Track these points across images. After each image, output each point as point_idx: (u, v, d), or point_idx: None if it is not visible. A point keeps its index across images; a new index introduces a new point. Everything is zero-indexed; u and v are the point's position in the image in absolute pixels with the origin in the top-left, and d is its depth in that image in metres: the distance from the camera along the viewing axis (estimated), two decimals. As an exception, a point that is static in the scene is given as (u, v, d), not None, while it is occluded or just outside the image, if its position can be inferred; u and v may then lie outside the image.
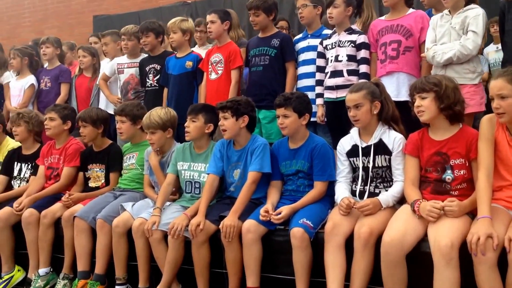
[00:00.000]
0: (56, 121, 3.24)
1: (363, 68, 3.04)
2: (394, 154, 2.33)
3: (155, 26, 3.72)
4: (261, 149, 2.57)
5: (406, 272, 2.08)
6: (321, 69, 3.20)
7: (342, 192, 2.36)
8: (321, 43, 3.21)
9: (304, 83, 3.31)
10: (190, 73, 3.58)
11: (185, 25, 3.61)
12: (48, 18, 8.67)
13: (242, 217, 2.44)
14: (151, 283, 2.66)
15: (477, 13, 2.62)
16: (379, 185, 2.38)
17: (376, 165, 2.36)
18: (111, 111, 3.74)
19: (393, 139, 2.34)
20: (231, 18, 3.61)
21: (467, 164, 2.16)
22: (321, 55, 3.21)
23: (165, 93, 3.66)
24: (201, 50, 3.97)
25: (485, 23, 2.65)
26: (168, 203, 2.77)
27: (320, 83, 3.20)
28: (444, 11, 2.79)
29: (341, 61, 3.07)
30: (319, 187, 2.49)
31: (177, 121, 3.00)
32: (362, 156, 2.39)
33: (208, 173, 2.66)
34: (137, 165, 3.09)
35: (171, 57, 3.68)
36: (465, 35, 2.63)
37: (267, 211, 2.39)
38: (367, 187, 2.38)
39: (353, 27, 3.16)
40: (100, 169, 3.17)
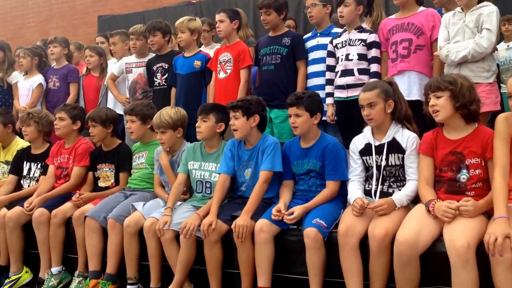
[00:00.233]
0: (65, 121, 3.24)
1: (374, 67, 3.03)
2: (407, 152, 2.32)
3: (162, 25, 3.72)
4: (272, 148, 2.56)
5: (419, 272, 2.07)
6: (331, 68, 3.19)
7: (355, 192, 2.35)
8: (331, 42, 3.20)
9: (313, 82, 3.30)
10: (198, 72, 3.57)
11: (193, 25, 3.60)
12: (52, 18, 8.68)
13: (254, 217, 2.43)
14: (163, 283, 2.66)
15: (491, 11, 2.60)
16: (392, 184, 2.37)
17: (389, 163, 2.35)
18: (119, 111, 3.74)
19: (407, 137, 2.33)
20: (240, 17, 3.60)
21: (482, 163, 2.14)
22: (331, 54, 3.20)
23: (173, 93, 3.65)
24: (207, 49, 3.96)
25: (498, 21, 2.63)
26: (179, 203, 2.77)
27: (330, 82, 3.18)
28: (456, 9, 2.77)
29: (351, 60, 3.05)
30: (331, 186, 2.48)
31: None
32: (375, 154, 2.37)
33: (219, 173, 2.65)
34: (147, 164, 3.08)
35: (179, 56, 3.67)
36: (479, 33, 2.61)
37: (279, 211, 2.38)
38: (380, 186, 2.36)
39: (364, 25, 3.14)
40: (109, 169, 3.17)
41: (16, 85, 4.27)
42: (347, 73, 3.06)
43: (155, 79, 3.75)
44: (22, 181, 3.40)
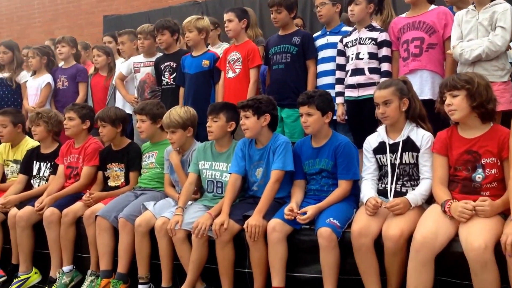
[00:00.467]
0: (75, 120, 3.24)
1: (385, 66, 3.01)
2: (422, 151, 2.30)
3: (170, 24, 3.71)
4: (283, 147, 2.54)
5: (432, 273, 2.04)
6: (341, 67, 3.17)
7: (368, 191, 2.33)
8: (341, 41, 3.18)
9: (323, 81, 3.29)
10: (207, 72, 3.55)
11: (201, 24, 3.58)
12: (58, 18, 8.69)
13: (266, 217, 2.42)
14: (174, 282, 2.65)
15: (505, 8, 2.58)
16: (405, 183, 2.36)
17: (403, 161, 2.34)
18: (128, 111, 3.74)
19: (422, 136, 2.32)
20: (249, 16, 3.58)
21: (498, 163, 2.12)
22: (341, 53, 3.18)
23: (181, 92, 3.64)
24: (214, 49, 3.94)
25: (512, 18, 2.61)
26: (190, 203, 2.76)
27: (340, 81, 3.17)
28: (469, 7, 2.75)
29: (362, 59, 3.04)
30: (344, 186, 2.47)
31: (197, 119, 2.99)
32: (389, 153, 2.36)
33: (230, 173, 2.64)
34: (157, 164, 3.08)
35: (187, 56, 3.66)
36: (493, 31, 2.59)
37: (292, 210, 2.37)
38: (393, 185, 2.35)
39: (374, 24, 3.13)
40: (119, 168, 3.16)
41: (25, 85, 4.28)
42: (358, 72, 3.04)
43: (163, 78, 3.74)
44: (32, 181, 3.41)
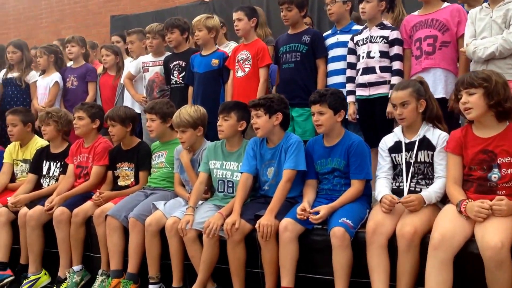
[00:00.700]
0: (84, 120, 3.23)
1: (397, 64, 2.97)
2: (438, 149, 2.28)
3: (180, 22, 3.70)
4: (295, 147, 2.52)
5: (452, 273, 2.01)
6: (352, 66, 3.14)
7: (383, 189, 2.32)
8: (352, 39, 3.15)
9: (334, 80, 3.26)
10: (216, 71, 3.54)
11: (210, 23, 3.57)
12: (65, 18, 8.73)
13: (277, 216, 2.40)
14: (185, 282, 2.64)
15: (520, 5, 2.54)
16: (420, 181, 2.33)
17: (418, 159, 2.32)
18: (136, 110, 3.73)
19: (438, 135, 2.31)
20: (258, 15, 3.57)
21: (515, 162, 2.09)
22: (352, 51, 3.15)
23: (190, 91, 3.63)
24: (220, 48, 3.92)
25: (527, 16, 2.56)
26: (200, 202, 2.75)
27: (351, 80, 3.14)
28: (483, 4, 2.71)
29: (373, 57, 3.00)
30: (357, 185, 2.44)
31: (206, 119, 2.98)
32: (405, 151, 2.34)
33: (241, 172, 2.62)
34: (167, 163, 3.06)
35: (196, 55, 3.64)
36: (507, 28, 2.55)
37: (304, 210, 2.34)
38: (408, 184, 2.32)
39: (385, 22, 3.09)
40: (129, 168, 3.15)
41: (34, 84, 4.28)
42: (369, 70, 3.01)
43: (172, 77, 3.73)
44: (41, 180, 3.41)
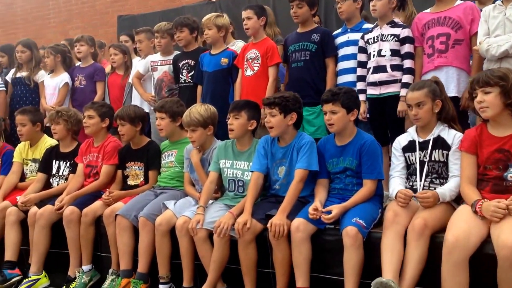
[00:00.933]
0: (94, 119, 3.23)
1: (408, 63, 2.94)
2: (453, 149, 2.26)
3: (189, 21, 3.69)
4: (308, 147, 2.50)
5: (468, 274, 1.98)
6: (362, 65, 3.11)
7: (397, 186, 2.30)
8: (363, 37, 3.12)
9: (344, 79, 3.24)
10: (225, 70, 3.52)
11: (220, 21, 3.56)
12: (72, 18, 8.75)
13: (289, 216, 2.38)
14: (195, 282, 2.63)
15: (534, 3, 2.50)
16: (434, 180, 2.31)
17: (432, 158, 2.30)
18: (145, 109, 3.72)
19: (453, 135, 2.29)
20: (267, 14, 3.55)
21: (532, 162, 2.06)
22: (363, 50, 3.12)
23: (199, 90, 3.62)
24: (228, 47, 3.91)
25: (541, 14, 2.53)
26: (210, 202, 2.73)
27: (361, 78, 3.11)
28: (497, 2, 2.68)
29: (384, 56, 2.97)
30: (369, 185, 2.42)
31: (216, 118, 2.96)
32: (419, 150, 2.32)
33: (252, 171, 2.61)
34: (177, 163, 3.05)
35: (205, 54, 3.63)
36: (522, 26, 2.52)
37: (316, 209, 2.32)
38: (422, 182, 2.30)
39: (396, 20, 3.06)
40: (138, 167, 3.15)
41: (42, 84, 4.28)
42: (380, 69, 2.98)
43: (181, 76, 3.72)
44: (51, 180, 3.41)
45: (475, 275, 2.01)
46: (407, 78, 2.90)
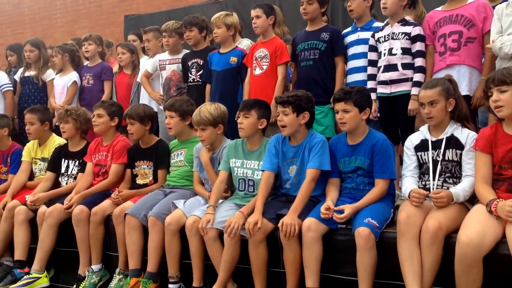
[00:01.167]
0: (103, 117, 3.23)
1: (419, 61, 2.92)
2: (466, 148, 2.23)
3: (198, 20, 3.68)
4: (320, 146, 2.48)
5: (482, 275, 1.96)
6: (373, 63, 3.09)
7: (410, 185, 2.27)
8: (373, 36, 3.10)
9: (354, 77, 3.22)
10: (234, 69, 3.51)
11: (229, 20, 3.55)
12: (79, 18, 8.78)
13: (300, 216, 2.36)
14: (205, 282, 2.61)
15: (548, 1, 2.47)
16: (447, 179, 2.28)
17: (446, 158, 2.27)
18: (154, 108, 3.71)
19: (467, 134, 2.26)
20: (276, 13, 3.53)
21: (548, 161, 2.02)
22: (373, 49, 3.10)
23: (208, 89, 3.61)
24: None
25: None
26: (220, 201, 2.71)
27: (372, 77, 3.09)
28: (509, 0, 2.64)
29: (395, 54, 2.95)
30: (381, 185, 2.39)
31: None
32: (431, 149, 2.29)
33: (263, 170, 2.59)
34: (186, 162, 3.04)
35: (214, 53, 3.62)
36: (536, 24, 2.49)
37: (329, 208, 2.30)
38: (435, 182, 2.27)
39: (407, 18, 3.04)
40: (147, 166, 3.14)
41: (51, 83, 4.29)
42: (391, 68, 2.96)
43: (190, 75, 3.71)
44: (60, 179, 3.40)
45: (490, 275, 1.99)
46: (418, 76, 2.88)
